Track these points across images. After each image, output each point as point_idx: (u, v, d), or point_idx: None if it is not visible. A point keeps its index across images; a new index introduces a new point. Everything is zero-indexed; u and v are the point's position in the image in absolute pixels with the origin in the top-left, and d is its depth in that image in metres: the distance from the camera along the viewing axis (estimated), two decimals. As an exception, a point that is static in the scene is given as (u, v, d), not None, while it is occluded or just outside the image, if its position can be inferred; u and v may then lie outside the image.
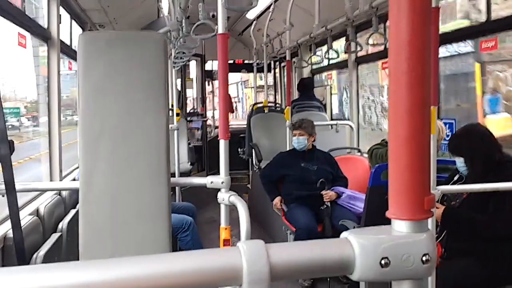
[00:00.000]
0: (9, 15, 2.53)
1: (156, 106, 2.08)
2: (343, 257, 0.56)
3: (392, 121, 0.57)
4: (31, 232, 2.42)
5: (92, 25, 4.93)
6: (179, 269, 0.54)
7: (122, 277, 0.53)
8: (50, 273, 0.53)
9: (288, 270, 0.54)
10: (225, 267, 0.53)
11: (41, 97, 3.75)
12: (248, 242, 0.55)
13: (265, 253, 0.53)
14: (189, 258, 0.54)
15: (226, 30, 2.16)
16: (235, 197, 2.08)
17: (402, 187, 0.56)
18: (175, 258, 0.56)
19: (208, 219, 6.02)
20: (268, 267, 0.53)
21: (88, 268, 0.55)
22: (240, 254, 0.53)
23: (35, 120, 7.84)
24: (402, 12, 0.55)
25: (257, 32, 6.90)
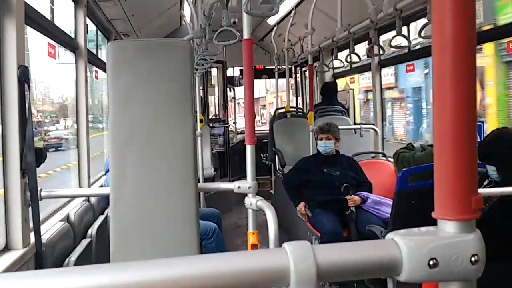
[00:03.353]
0: (40, 27, 2.60)
1: (183, 112, 2.10)
2: (390, 258, 0.55)
3: (437, 121, 0.56)
4: (62, 238, 2.47)
5: (116, 34, 5.02)
6: (226, 270, 0.54)
7: (169, 277, 0.54)
8: (88, 275, 0.54)
9: (335, 271, 0.54)
10: (272, 267, 0.53)
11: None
12: (294, 243, 0.55)
13: (311, 253, 0.53)
14: (235, 259, 0.55)
15: (251, 36, 2.17)
16: (262, 202, 2.08)
17: (449, 187, 0.56)
18: (222, 259, 0.56)
19: (232, 225, 6.04)
20: (315, 268, 0.53)
21: (136, 269, 0.56)
22: (287, 255, 0.53)
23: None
24: (446, 9, 0.54)
25: (278, 38, 6.91)
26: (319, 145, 4.05)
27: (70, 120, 19.70)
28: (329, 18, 5.18)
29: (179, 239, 2.10)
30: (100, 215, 3.26)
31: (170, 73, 2.10)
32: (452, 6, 0.55)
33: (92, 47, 4.23)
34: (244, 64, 2.15)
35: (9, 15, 2.02)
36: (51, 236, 2.33)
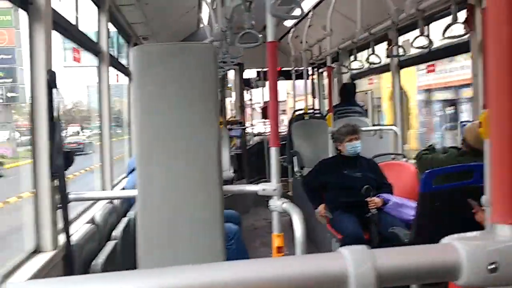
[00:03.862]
0: (66, 32, 2.64)
1: (208, 115, 2.11)
2: (449, 263, 0.55)
3: (495, 121, 0.56)
4: (89, 240, 2.50)
5: (136, 38, 5.07)
6: (280, 274, 0.54)
7: (220, 282, 0.54)
8: (127, 280, 0.54)
9: (394, 276, 0.54)
10: (330, 272, 0.53)
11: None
12: (351, 247, 0.55)
13: (369, 257, 0.53)
14: (291, 263, 0.55)
15: (275, 38, 2.18)
16: (288, 204, 2.08)
17: (507, 191, 0.55)
18: (276, 263, 0.56)
19: (249, 227, 6.04)
20: (374, 272, 0.52)
21: (190, 272, 0.56)
22: (344, 259, 0.53)
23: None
24: (502, 6, 0.54)
25: (295, 39, 6.91)
26: (349, 146, 3.99)
27: (77, 126, 19.97)
28: (347, 19, 5.17)
29: (204, 242, 2.11)
30: (123, 217, 3.29)
31: (195, 76, 2.12)
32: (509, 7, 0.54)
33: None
34: (269, 66, 2.16)
35: (38, 21, 2.06)
36: (79, 239, 2.37)
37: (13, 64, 17.20)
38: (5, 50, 16.90)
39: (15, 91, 16.99)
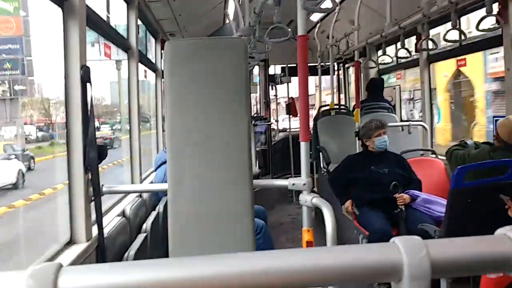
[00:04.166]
0: (99, 29, 2.68)
1: (239, 110, 2.12)
2: (503, 254, 0.54)
3: None
4: (120, 233, 2.54)
5: (163, 34, 5.12)
6: (335, 263, 0.54)
7: (279, 269, 0.54)
8: (163, 268, 0.55)
9: (449, 267, 0.53)
10: (384, 262, 0.53)
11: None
12: (404, 237, 0.55)
13: (424, 248, 0.53)
14: (345, 253, 0.55)
15: (306, 32, 2.17)
16: (318, 199, 2.07)
17: None
18: (331, 252, 0.56)
19: (275, 222, 6.04)
20: (429, 263, 0.52)
21: (226, 260, 0.56)
22: (398, 250, 0.53)
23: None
24: None
25: (321, 34, 6.86)
26: (377, 141, 3.95)
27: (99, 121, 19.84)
28: (375, 13, 5.10)
29: (234, 236, 2.12)
30: (152, 210, 3.34)
31: (226, 71, 2.13)
32: None
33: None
34: (299, 61, 2.15)
35: (73, 18, 2.10)
36: (111, 231, 2.41)
37: (21, 55, 16.32)
38: (12, 40, 16.09)
39: (23, 83, 16.17)
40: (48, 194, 7.60)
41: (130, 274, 0.52)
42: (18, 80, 14.20)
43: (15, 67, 14.02)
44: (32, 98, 24.81)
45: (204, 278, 0.53)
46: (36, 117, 23.79)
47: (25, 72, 14.08)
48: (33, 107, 24.59)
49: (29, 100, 23.52)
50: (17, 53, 14.02)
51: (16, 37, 13.72)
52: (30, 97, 17.21)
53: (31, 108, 24.38)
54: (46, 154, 11.37)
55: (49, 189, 7.66)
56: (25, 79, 14.25)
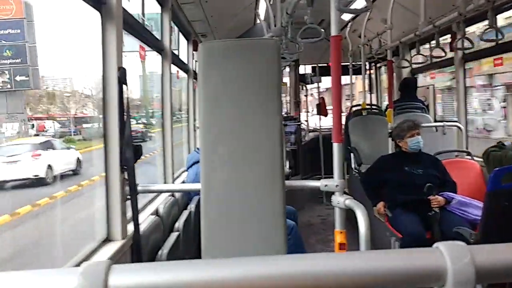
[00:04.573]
0: (135, 31, 2.74)
1: (272, 110, 2.12)
2: None
3: None
4: (154, 231, 2.59)
5: (195, 35, 5.18)
6: (375, 268, 0.54)
7: (319, 273, 0.55)
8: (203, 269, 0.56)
9: (493, 272, 0.52)
10: (426, 267, 0.53)
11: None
12: (447, 242, 0.54)
13: (468, 253, 0.52)
14: (385, 258, 0.55)
15: (339, 32, 2.16)
16: (351, 201, 2.06)
17: None
18: (367, 256, 0.56)
19: (305, 223, 6.02)
20: (474, 269, 0.51)
21: (266, 263, 0.57)
22: (442, 255, 0.52)
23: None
24: None
25: (352, 34, 6.79)
26: (411, 142, 3.89)
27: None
28: (409, 11, 5.01)
29: (266, 236, 2.13)
30: (184, 210, 3.38)
31: (258, 72, 2.13)
32: None
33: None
34: (332, 61, 2.14)
35: (110, 21, 2.15)
36: (145, 229, 2.46)
37: (22, 41, 13.40)
38: (12, 24, 13.13)
39: (25, 73, 13.24)
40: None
41: (177, 273, 0.53)
42: (19, 69, 13.07)
43: (17, 55, 13.14)
44: (48, 91, 24.01)
45: (253, 279, 0.54)
46: (52, 112, 23.44)
47: (27, 61, 13.09)
48: (50, 101, 24.24)
49: (45, 93, 22.89)
50: (18, 39, 13.29)
51: (17, 20, 13.08)
52: (34, 89, 14.69)
53: (50, 103, 24.14)
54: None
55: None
56: (27, 69, 12.97)
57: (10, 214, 7.76)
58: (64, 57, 45.92)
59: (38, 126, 22.80)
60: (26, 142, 12.54)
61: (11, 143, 12.71)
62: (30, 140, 13.59)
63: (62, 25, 27.36)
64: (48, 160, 10.99)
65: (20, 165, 10.34)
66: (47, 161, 10.93)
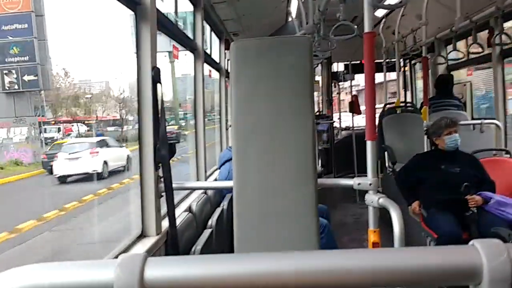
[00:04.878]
0: (169, 31, 2.78)
1: (304, 108, 2.12)
2: None
3: None
4: (187, 227, 2.63)
5: (227, 34, 5.21)
6: (409, 264, 0.53)
7: (359, 267, 0.54)
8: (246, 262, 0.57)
9: None
10: (462, 264, 0.52)
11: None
12: (483, 240, 0.53)
13: (505, 251, 0.51)
14: (420, 254, 0.54)
15: (373, 29, 2.13)
16: (385, 199, 2.03)
17: None
18: (403, 253, 0.56)
19: (337, 222, 5.97)
20: (510, 266, 0.50)
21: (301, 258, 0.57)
22: (478, 252, 0.51)
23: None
24: None
25: (386, 30, 6.68)
26: (448, 140, 3.80)
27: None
28: (444, 6, 4.89)
29: (299, 234, 2.13)
30: (217, 207, 3.42)
31: (291, 69, 2.13)
32: None
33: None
34: (365, 58, 2.12)
35: (145, 22, 2.20)
36: (179, 225, 2.50)
37: (31, 36, 12.04)
38: (19, 18, 11.86)
39: (33, 72, 11.99)
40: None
41: (211, 267, 0.54)
42: (27, 68, 11.92)
43: (24, 52, 11.97)
44: (68, 94, 24.15)
45: (283, 274, 0.54)
46: (78, 115, 23.74)
47: (36, 59, 11.86)
48: (75, 104, 24.60)
49: (67, 96, 23.10)
50: (26, 34, 11.97)
51: (24, 14, 11.84)
52: (44, 89, 13.60)
53: (75, 106, 24.68)
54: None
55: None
56: (36, 67, 11.84)
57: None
58: (98, 60, 46.87)
59: (65, 130, 23.73)
60: (85, 141, 14.28)
61: (72, 142, 14.61)
62: (88, 139, 15.58)
63: (98, 27, 27.85)
64: (104, 157, 12.40)
65: (81, 161, 12.03)
66: (103, 158, 12.35)
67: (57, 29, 41.64)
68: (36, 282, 0.52)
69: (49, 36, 12.95)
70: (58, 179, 12.29)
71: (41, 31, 11.95)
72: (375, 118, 2.20)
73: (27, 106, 13.15)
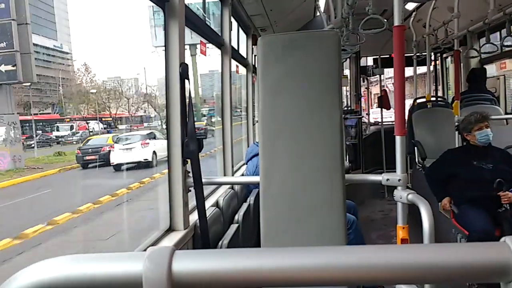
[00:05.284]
0: (196, 27, 2.80)
1: (332, 103, 2.10)
2: None
3: None
4: (214, 222, 2.65)
5: (254, 29, 5.21)
6: (438, 261, 0.53)
7: (387, 263, 0.54)
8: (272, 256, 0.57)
9: None
10: (492, 262, 0.51)
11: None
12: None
13: None
14: (449, 251, 0.53)
15: (403, 22, 2.09)
16: (414, 196, 2.00)
17: None
18: (432, 249, 0.55)
19: (365, 219, 5.91)
20: None
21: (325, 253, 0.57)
22: (510, 249, 0.50)
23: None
24: None
25: (417, 23, 6.54)
26: (480, 135, 3.70)
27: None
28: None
29: (326, 230, 2.12)
30: (244, 202, 3.43)
31: (319, 64, 2.12)
32: None
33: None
34: (395, 52, 2.08)
35: (173, 19, 2.22)
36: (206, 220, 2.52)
37: (8, 18, 10.09)
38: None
39: (11, 62, 10.02)
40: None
41: (238, 260, 0.54)
42: (6, 57, 9.84)
43: (2, 37, 9.90)
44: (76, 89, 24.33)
45: (313, 269, 0.54)
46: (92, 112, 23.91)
47: (14, 45, 9.79)
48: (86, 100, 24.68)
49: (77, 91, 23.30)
50: (2, 16, 9.88)
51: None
52: (24, 82, 11.50)
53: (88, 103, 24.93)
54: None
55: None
56: (14, 56, 9.75)
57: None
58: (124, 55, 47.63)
59: (78, 127, 24.47)
60: (137, 133, 16.85)
61: (126, 135, 17.22)
62: (139, 132, 18.38)
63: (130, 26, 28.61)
64: (153, 147, 14.29)
65: (134, 151, 14.22)
66: (153, 149, 14.26)
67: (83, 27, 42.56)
68: (68, 272, 0.54)
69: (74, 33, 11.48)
70: (114, 168, 14.42)
71: (22, 13, 10.21)
72: (405, 113, 2.17)
73: (5, 102, 11.23)
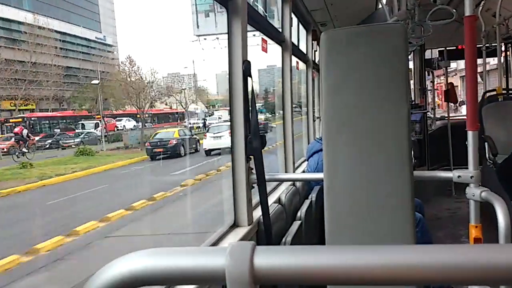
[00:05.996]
0: (258, 25, 2.82)
1: (398, 98, 2.04)
2: None
3: None
4: (277, 219, 2.66)
5: (314, 24, 5.16)
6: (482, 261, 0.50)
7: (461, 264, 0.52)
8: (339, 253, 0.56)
9: None
10: None
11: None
12: None
13: None
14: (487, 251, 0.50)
15: (473, 12, 1.99)
16: (488, 193, 1.90)
17: None
18: (507, 249, 0.52)
19: (431, 217, 5.69)
20: None
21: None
22: None
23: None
24: None
25: (486, 13, 6.19)
26: None
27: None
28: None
29: (393, 228, 2.06)
30: (305, 199, 3.41)
31: (385, 58, 2.06)
32: None
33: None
34: (466, 43, 1.98)
35: (236, 16, 2.24)
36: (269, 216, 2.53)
37: None
38: None
39: None
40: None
41: (318, 257, 0.54)
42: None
43: None
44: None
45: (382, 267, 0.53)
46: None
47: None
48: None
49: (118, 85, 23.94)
50: None
51: None
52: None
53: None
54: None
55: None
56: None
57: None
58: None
59: (108, 125, 25.36)
60: (225, 124, 19.42)
61: (217, 124, 21.29)
62: (227, 123, 21.65)
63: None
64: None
65: (223, 139, 16.62)
66: None
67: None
68: (153, 264, 0.56)
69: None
70: (205, 152, 19.11)
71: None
72: (477, 107, 2.06)
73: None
